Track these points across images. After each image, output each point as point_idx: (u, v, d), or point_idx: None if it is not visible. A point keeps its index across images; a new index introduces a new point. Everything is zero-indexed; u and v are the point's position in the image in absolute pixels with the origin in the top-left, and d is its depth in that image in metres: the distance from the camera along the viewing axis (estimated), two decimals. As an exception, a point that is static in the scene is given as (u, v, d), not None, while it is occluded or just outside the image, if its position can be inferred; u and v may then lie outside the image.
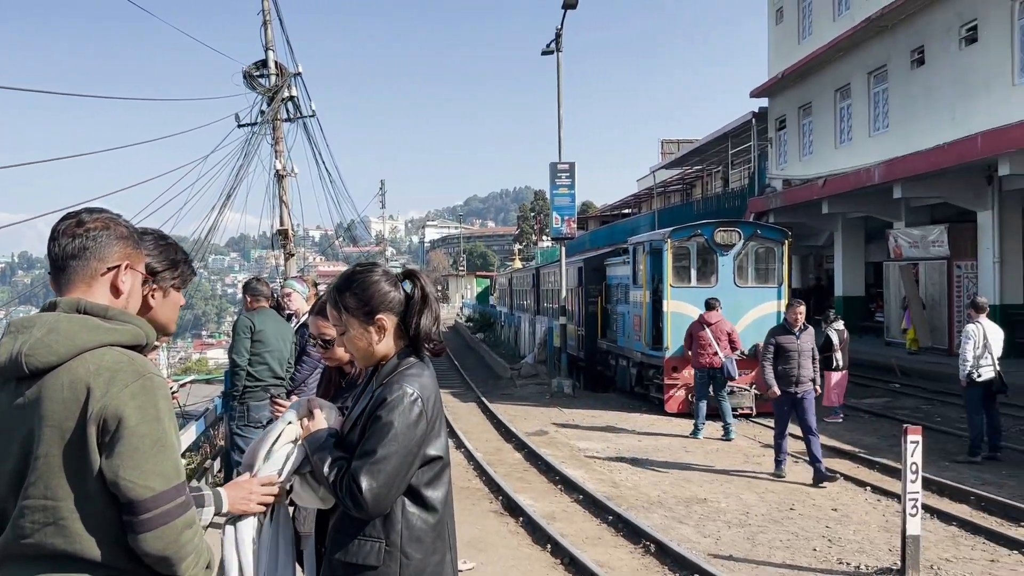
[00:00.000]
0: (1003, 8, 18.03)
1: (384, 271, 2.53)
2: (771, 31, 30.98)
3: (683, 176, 48.20)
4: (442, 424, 2.45)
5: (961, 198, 20.08)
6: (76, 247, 2.00)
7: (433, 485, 2.38)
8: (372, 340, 2.46)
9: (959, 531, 7.41)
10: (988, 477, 9.34)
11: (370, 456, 2.26)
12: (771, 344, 9.47)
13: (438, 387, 2.47)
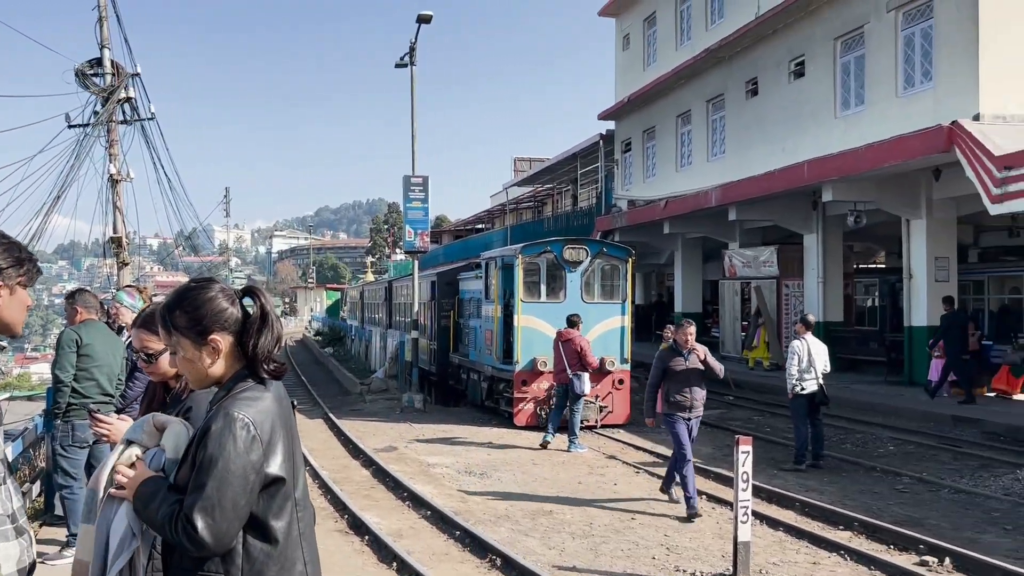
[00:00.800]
0: (827, 46, 19.50)
1: (221, 288, 2.40)
2: (618, 57, 32.16)
3: (535, 193, 49.17)
4: (286, 445, 2.31)
5: (789, 221, 21.49)
6: None
7: (275, 513, 2.25)
8: (205, 361, 2.33)
9: (785, 536, 7.86)
10: (812, 484, 9.97)
11: (202, 491, 2.11)
12: (660, 368, 8.69)
13: (286, 409, 2.35)
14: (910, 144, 15.79)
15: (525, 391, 14.36)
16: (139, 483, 2.28)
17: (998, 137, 14.14)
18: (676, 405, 8.57)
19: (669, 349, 8.83)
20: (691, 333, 8.67)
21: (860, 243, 26.71)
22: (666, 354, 8.76)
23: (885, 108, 17.58)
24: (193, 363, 2.34)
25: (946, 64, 16.01)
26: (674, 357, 8.63)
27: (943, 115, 15.44)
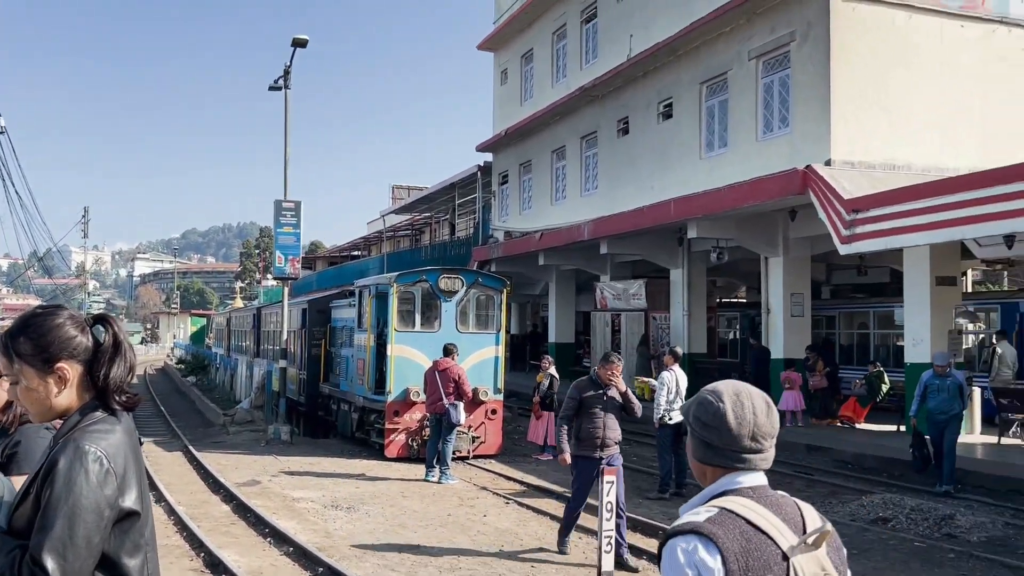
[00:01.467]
0: (693, 90, 20.41)
1: (70, 315, 2.27)
2: (496, 91, 32.63)
3: (413, 222, 49.03)
4: (139, 479, 2.19)
5: (657, 256, 22.23)
6: None
7: (128, 550, 2.10)
8: (51, 391, 2.18)
9: (648, 564, 8.01)
10: (675, 512, 10.22)
11: (51, 530, 1.96)
12: (574, 399, 8.00)
13: (135, 442, 2.23)
14: (768, 186, 16.67)
15: (397, 422, 14.16)
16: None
17: (847, 182, 15.12)
18: (588, 443, 7.86)
19: (588, 381, 8.11)
20: (617, 371, 8.01)
21: (723, 278, 27.94)
22: (584, 384, 8.05)
23: (746, 151, 18.51)
24: (37, 393, 2.19)
25: (801, 112, 17.03)
26: (591, 389, 7.98)
27: (798, 159, 16.39)
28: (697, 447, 1.96)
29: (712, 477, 1.93)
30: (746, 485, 1.89)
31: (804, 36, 16.83)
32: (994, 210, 12.14)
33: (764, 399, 1.97)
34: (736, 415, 1.92)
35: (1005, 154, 16.03)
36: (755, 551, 1.77)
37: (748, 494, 1.87)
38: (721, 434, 1.91)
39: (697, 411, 1.97)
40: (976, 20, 17.20)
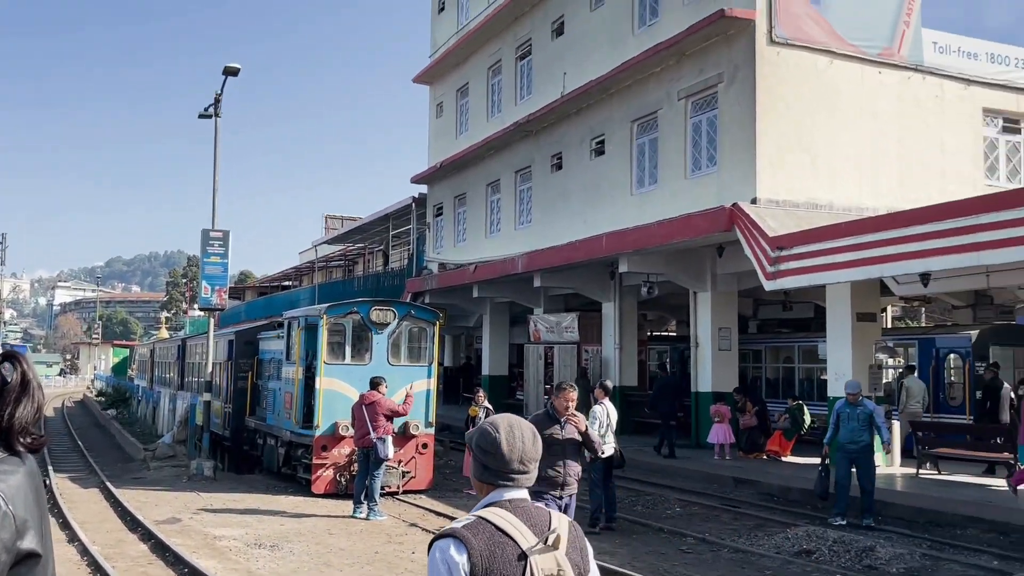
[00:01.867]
0: (624, 128, 20.81)
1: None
2: (432, 123, 32.75)
3: (345, 252, 48.58)
4: (41, 521, 2.08)
5: (589, 290, 22.47)
6: None
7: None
8: None
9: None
10: (605, 546, 10.23)
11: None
12: None
13: (39, 483, 2.12)
14: (696, 223, 17.05)
15: (325, 457, 13.88)
16: None
17: (772, 220, 15.57)
18: (547, 481, 7.19)
19: (545, 416, 7.54)
20: (571, 399, 7.47)
21: (654, 312, 28.36)
22: (541, 420, 7.43)
23: (675, 188, 18.92)
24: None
25: (728, 151, 17.50)
26: (549, 425, 7.37)
27: (726, 197, 16.81)
28: (476, 468, 2.37)
29: (485, 492, 2.34)
30: (506, 498, 2.30)
31: (731, 78, 17.35)
32: (910, 249, 12.62)
33: (532, 430, 2.41)
34: (508, 443, 2.33)
35: (920, 195, 16.74)
36: (498, 550, 2.17)
37: (506, 505, 2.28)
38: (496, 458, 2.31)
39: (479, 439, 2.37)
40: (893, 67, 17.99)
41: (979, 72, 18.75)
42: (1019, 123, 19.40)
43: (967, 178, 18.23)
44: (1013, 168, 19.33)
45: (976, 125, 18.82)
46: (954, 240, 11.93)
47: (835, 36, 17.42)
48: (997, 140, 19.20)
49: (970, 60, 18.71)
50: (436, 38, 32.32)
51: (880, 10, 18.00)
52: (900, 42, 18.07)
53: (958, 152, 18.51)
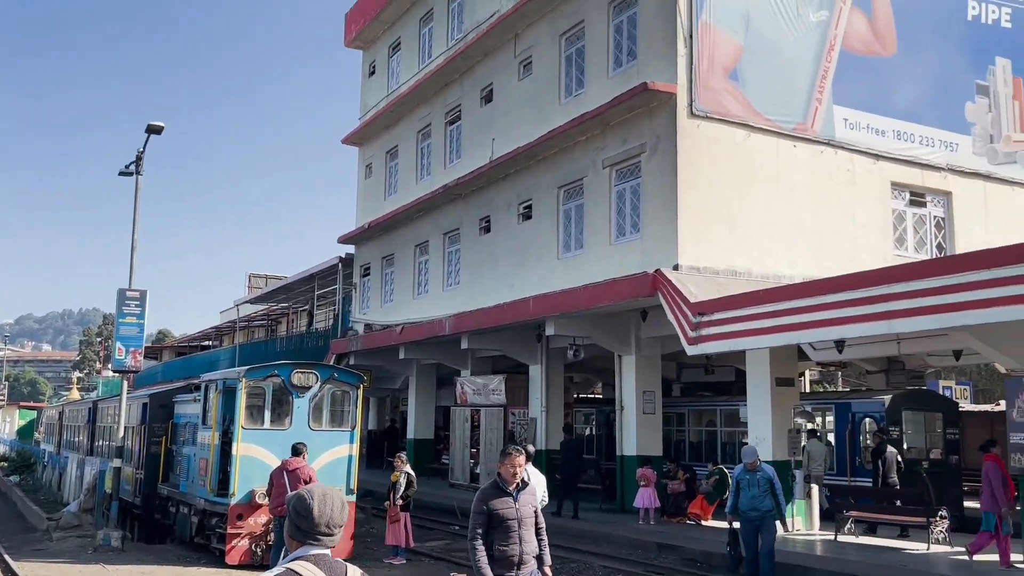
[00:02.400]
0: (551, 194, 21.16)
1: None
2: (360, 184, 32.75)
3: (269, 312, 47.73)
4: None
5: (517, 352, 22.49)
6: None
7: None
8: None
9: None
10: (528, 616, 10.04)
11: None
12: (482, 513, 6.34)
13: None
14: (620, 288, 17.31)
15: (240, 526, 13.37)
16: None
17: (693, 286, 15.92)
18: (502, 562, 6.31)
19: (492, 488, 6.57)
20: (519, 464, 6.52)
21: (580, 374, 28.50)
22: (489, 493, 6.49)
23: (601, 253, 19.22)
24: None
25: (651, 218, 17.92)
26: (498, 496, 6.42)
27: (649, 263, 17.15)
28: (290, 527, 2.92)
29: (295, 548, 2.88)
30: (312, 554, 2.85)
31: (653, 148, 17.88)
32: (826, 317, 13.04)
33: (341, 499, 2.95)
34: (319, 510, 2.88)
35: (834, 264, 17.37)
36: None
37: (311, 559, 2.83)
38: (307, 521, 2.87)
39: (295, 504, 2.92)
40: (806, 141, 18.80)
41: (886, 148, 19.73)
42: (924, 197, 20.41)
43: (877, 249, 19.01)
44: (920, 239, 20.25)
45: (885, 198, 19.72)
46: (866, 308, 12.38)
47: (752, 111, 18.16)
48: (904, 212, 20.13)
49: (878, 136, 19.69)
50: (366, 101, 32.55)
51: (794, 86, 18.86)
52: (813, 118, 18.94)
53: (868, 223, 19.33)
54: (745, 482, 11.08)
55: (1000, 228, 20.04)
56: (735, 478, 11.23)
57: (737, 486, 11.17)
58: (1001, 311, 10.68)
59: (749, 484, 11.03)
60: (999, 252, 11.35)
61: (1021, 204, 21.27)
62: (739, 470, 11.28)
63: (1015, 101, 21.76)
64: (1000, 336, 12.49)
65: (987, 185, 20.97)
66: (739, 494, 11.13)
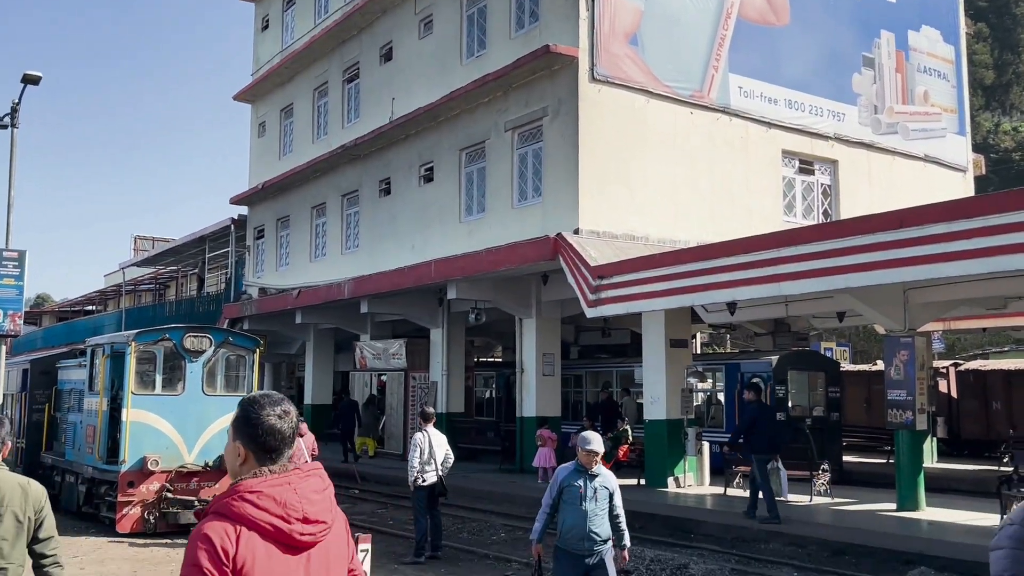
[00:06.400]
0: (453, 156, 21.00)
1: None
2: (253, 143, 31.71)
3: (157, 275, 45.95)
4: None
5: (418, 316, 22.38)
6: None
7: None
8: None
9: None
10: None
11: None
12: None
13: None
14: (522, 251, 17.41)
15: (132, 494, 12.91)
16: None
17: (593, 250, 16.15)
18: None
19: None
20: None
21: (481, 338, 28.63)
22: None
23: (503, 217, 19.25)
24: None
25: (553, 182, 18.03)
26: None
27: (550, 227, 17.28)
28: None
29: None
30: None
31: (555, 112, 17.93)
32: (719, 280, 13.45)
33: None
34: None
35: (728, 229, 17.90)
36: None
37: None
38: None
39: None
40: (703, 108, 19.22)
41: (778, 116, 20.38)
42: (812, 165, 21.23)
43: (768, 214, 19.70)
44: (808, 206, 21.09)
45: (776, 165, 20.41)
46: (757, 272, 12.83)
47: (651, 77, 18.42)
48: (794, 180, 20.90)
49: (771, 105, 20.31)
50: (259, 56, 31.44)
51: (692, 54, 19.21)
52: (710, 85, 19.35)
53: (761, 190, 19.98)
54: (573, 492, 6.27)
55: (881, 195, 21.07)
56: (559, 483, 6.40)
57: (559, 496, 6.36)
58: (880, 274, 11.26)
59: (580, 496, 6.23)
60: (879, 218, 11.92)
61: (901, 172, 22.41)
62: (565, 471, 6.46)
63: (898, 74, 22.81)
64: (879, 298, 13.20)
65: (870, 154, 21.98)
66: (560, 510, 6.37)
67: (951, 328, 21.10)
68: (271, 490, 2.29)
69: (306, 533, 2.30)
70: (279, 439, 2.38)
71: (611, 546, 6.32)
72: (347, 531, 2.50)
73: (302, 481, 2.35)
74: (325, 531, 2.36)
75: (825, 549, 11.19)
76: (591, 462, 6.28)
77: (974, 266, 10.38)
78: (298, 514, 2.29)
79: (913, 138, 22.78)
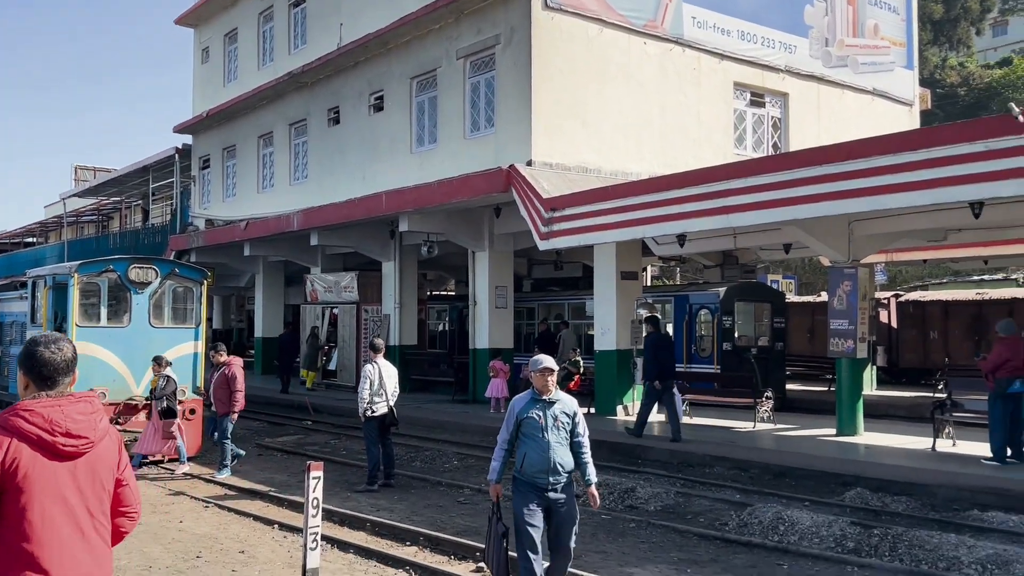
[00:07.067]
0: (404, 84, 20.59)
1: None
2: (197, 69, 30.70)
3: (100, 207, 44.77)
4: None
5: (369, 249, 22.20)
6: None
7: None
8: None
9: (356, 557, 7.96)
10: (383, 503, 10.27)
11: None
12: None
13: None
14: (475, 183, 17.28)
15: (79, 427, 12.81)
16: None
17: (546, 182, 16.09)
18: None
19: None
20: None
21: (433, 271, 28.55)
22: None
23: (455, 148, 19.04)
24: None
25: (505, 113, 17.83)
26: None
27: (503, 159, 17.15)
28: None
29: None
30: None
31: (508, 40, 17.63)
32: (669, 212, 13.54)
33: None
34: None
35: (679, 161, 17.96)
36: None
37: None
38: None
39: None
40: (656, 39, 19.05)
41: (731, 48, 20.32)
42: (763, 97, 21.29)
43: (719, 147, 19.79)
44: (758, 139, 21.21)
45: (727, 97, 20.42)
46: (707, 204, 12.93)
47: (605, 5, 18.15)
48: (745, 112, 20.96)
49: (724, 36, 20.22)
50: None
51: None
52: (663, 15, 19.16)
53: (712, 122, 20.02)
54: (532, 423, 5.88)
55: (830, 128, 21.27)
56: (515, 416, 5.96)
57: (517, 430, 5.96)
58: (826, 206, 11.43)
59: (540, 427, 5.85)
60: (825, 151, 12.05)
61: (849, 105, 22.60)
62: (521, 402, 6.02)
63: (849, 6, 22.82)
64: (824, 230, 13.44)
65: (820, 87, 22.10)
66: (519, 444, 5.98)
67: (893, 260, 21.62)
68: (42, 409, 2.83)
69: (68, 445, 2.83)
70: (52, 369, 2.92)
71: (573, 478, 6.02)
72: (119, 448, 3.05)
73: (71, 405, 2.89)
74: (89, 445, 2.88)
75: (767, 472, 11.59)
76: (547, 384, 5.90)
77: (917, 198, 10.58)
78: (62, 429, 2.82)
79: (862, 71, 22.93)
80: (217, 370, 12.13)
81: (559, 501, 5.87)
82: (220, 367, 12.09)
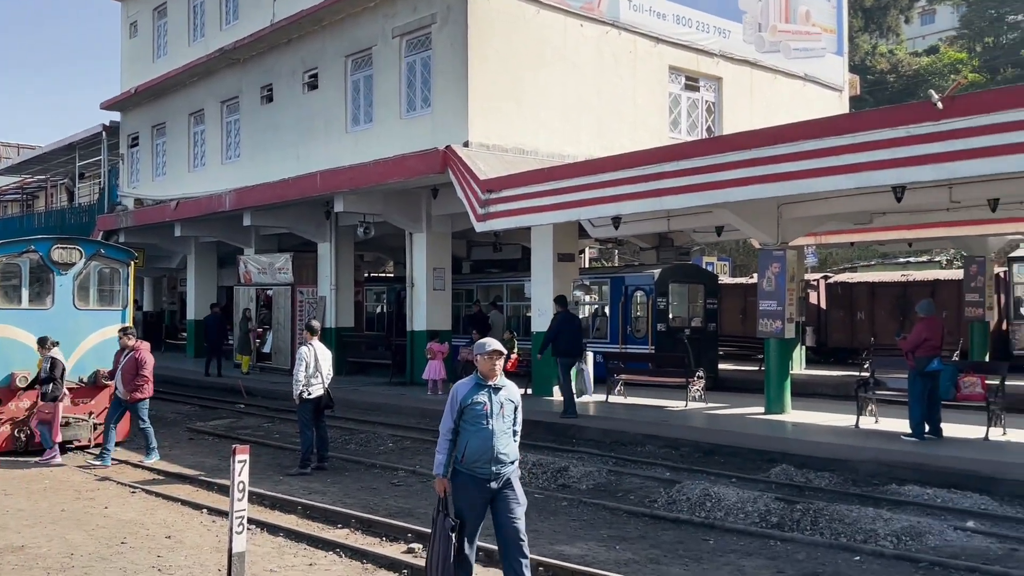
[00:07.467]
0: (339, 62, 20.27)
1: None
2: (124, 44, 29.77)
3: (23, 185, 43.21)
4: None
5: (304, 229, 21.89)
6: None
7: None
8: None
9: (285, 541, 7.89)
10: (316, 486, 10.19)
11: None
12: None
13: None
14: (411, 164, 17.15)
15: (1, 412, 12.41)
16: None
17: (483, 164, 16.05)
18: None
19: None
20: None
21: (371, 253, 28.33)
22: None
23: (391, 128, 18.84)
24: None
25: (442, 93, 17.69)
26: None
27: (439, 139, 17.04)
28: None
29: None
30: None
31: (444, 19, 17.48)
32: (603, 194, 13.65)
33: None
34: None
35: (615, 144, 18.07)
36: None
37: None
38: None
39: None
40: (593, 21, 19.09)
41: (667, 32, 20.47)
42: (698, 81, 21.52)
43: (654, 130, 19.97)
44: (692, 122, 21.46)
45: (663, 81, 20.60)
46: (641, 186, 13.07)
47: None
48: (680, 96, 21.17)
49: (660, 20, 20.36)
50: (129, -51, 29.22)
51: (583, -35, 18.94)
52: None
53: (648, 105, 20.18)
54: (477, 411, 5.64)
55: (763, 112, 21.62)
56: (459, 402, 5.71)
57: (460, 417, 5.70)
58: (756, 189, 11.65)
59: (485, 414, 5.62)
60: (756, 135, 12.26)
61: (782, 90, 23.00)
62: (465, 388, 5.75)
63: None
64: (754, 213, 13.69)
65: (753, 72, 22.43)
66: (461, 432, 5.69)
67: (823, 243, 22.18)
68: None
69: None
70: None
71: (517, 466, 5.77)
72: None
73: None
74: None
75: (697, 450, 11.82)
76: (493, 369, 5.63)
77: (843, 182, 10.84)
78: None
79: (794, 57, 23.35)
80: (125, 354, 11.76)
81: (503, 491, 5.63)
82: (128, 351, 11.74)
